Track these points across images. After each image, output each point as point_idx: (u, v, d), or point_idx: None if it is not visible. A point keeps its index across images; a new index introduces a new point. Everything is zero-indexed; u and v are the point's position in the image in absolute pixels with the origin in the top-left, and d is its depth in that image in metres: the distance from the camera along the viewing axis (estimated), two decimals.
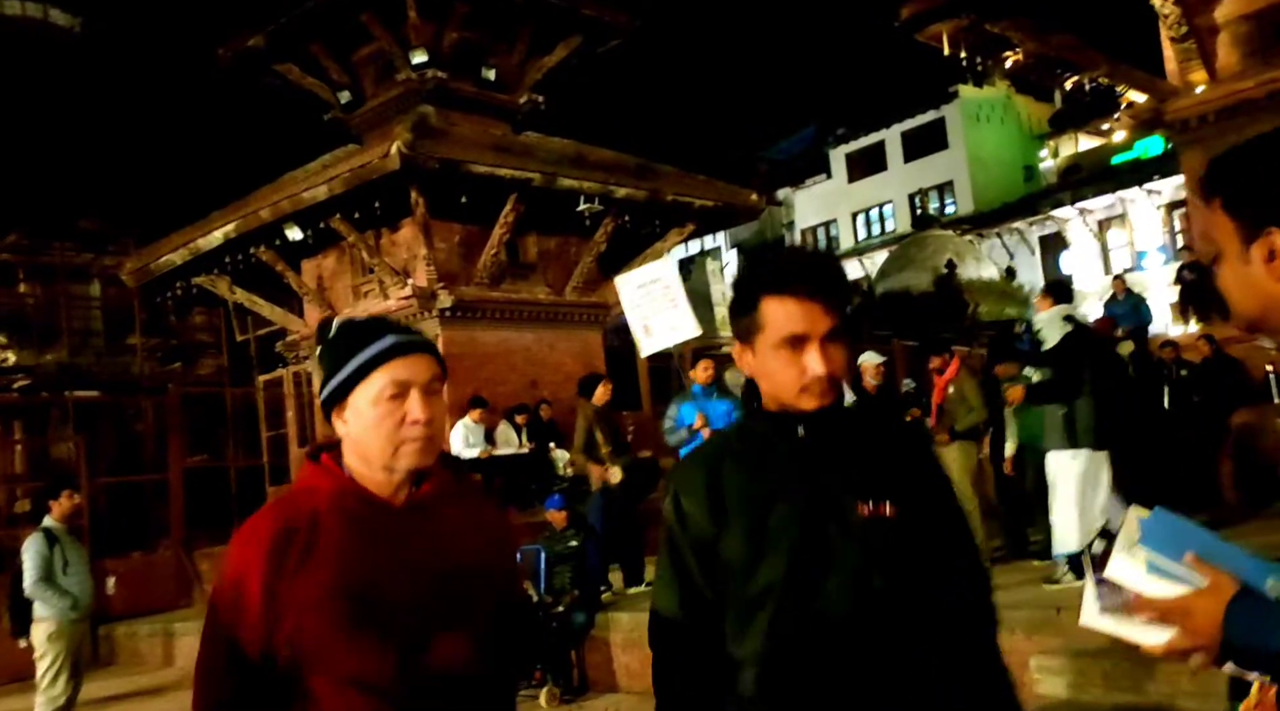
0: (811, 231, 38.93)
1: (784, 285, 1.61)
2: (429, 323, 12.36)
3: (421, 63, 13.49)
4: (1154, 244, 28.19)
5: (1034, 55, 14.03)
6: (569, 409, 13.05)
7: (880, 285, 25.96)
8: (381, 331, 1.70)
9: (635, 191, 12.72)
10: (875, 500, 1.59)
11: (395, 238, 12.94)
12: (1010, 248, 30.79)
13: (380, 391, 1.64)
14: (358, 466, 1.70)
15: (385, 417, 1.64)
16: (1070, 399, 5.88)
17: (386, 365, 1.66)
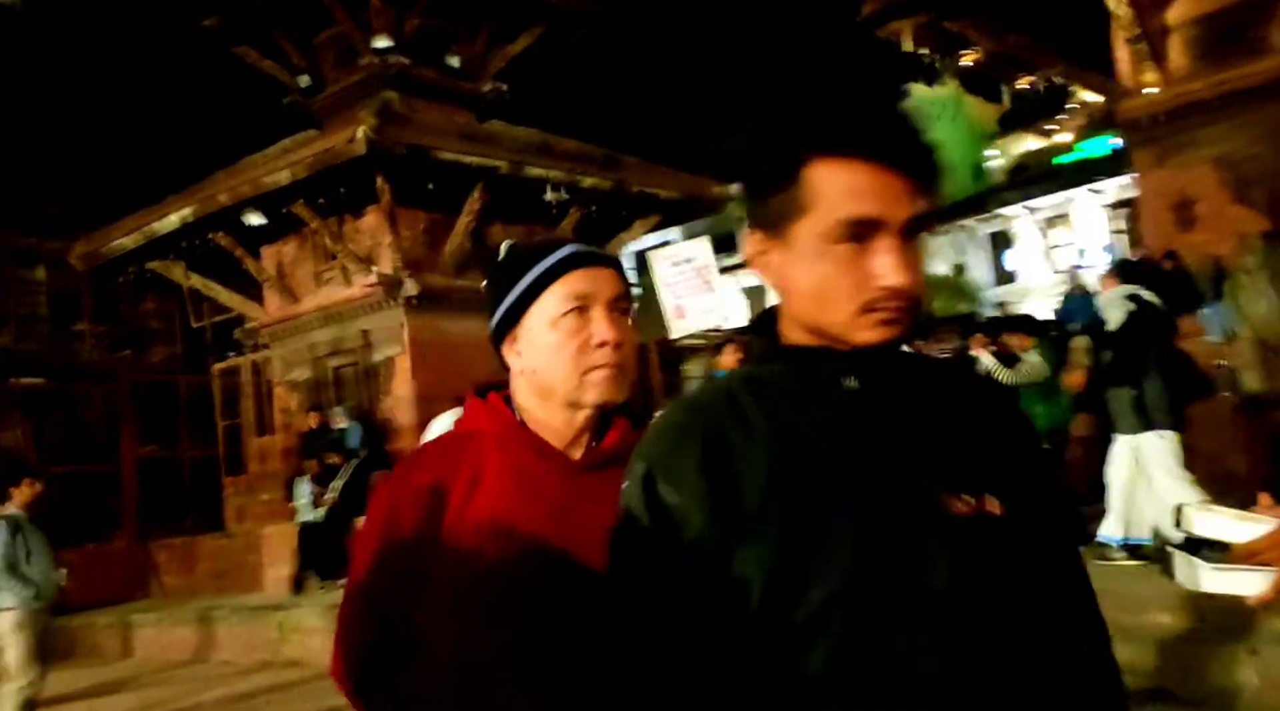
0: None
1: (848, 141, 1.07)
2: (394, 311, 12.25)
3: (384, 48, 13.34)
4: (1098, 243, 28.90)
5: (991, 54, 14.34)
6: None
7: None
8: (557, 243, 1.49)
9: (601, 181, 12.73)
10: (974, 491, 1.09)
11: (359, 224, 12.79)
12: (959, 245, 31.33)
13: (558, 308, 1.42)
14: (533, 408, 1.47)
15: (567, 340, 1.41)
16: (1137, 380, 5.77)
17: (565, 277, 1.43)
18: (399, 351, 12.40)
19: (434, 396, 12.16)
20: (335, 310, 13.03)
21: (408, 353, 12.30)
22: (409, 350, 12.28)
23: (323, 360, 13.41)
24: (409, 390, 12.25)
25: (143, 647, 11.19)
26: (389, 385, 12.58)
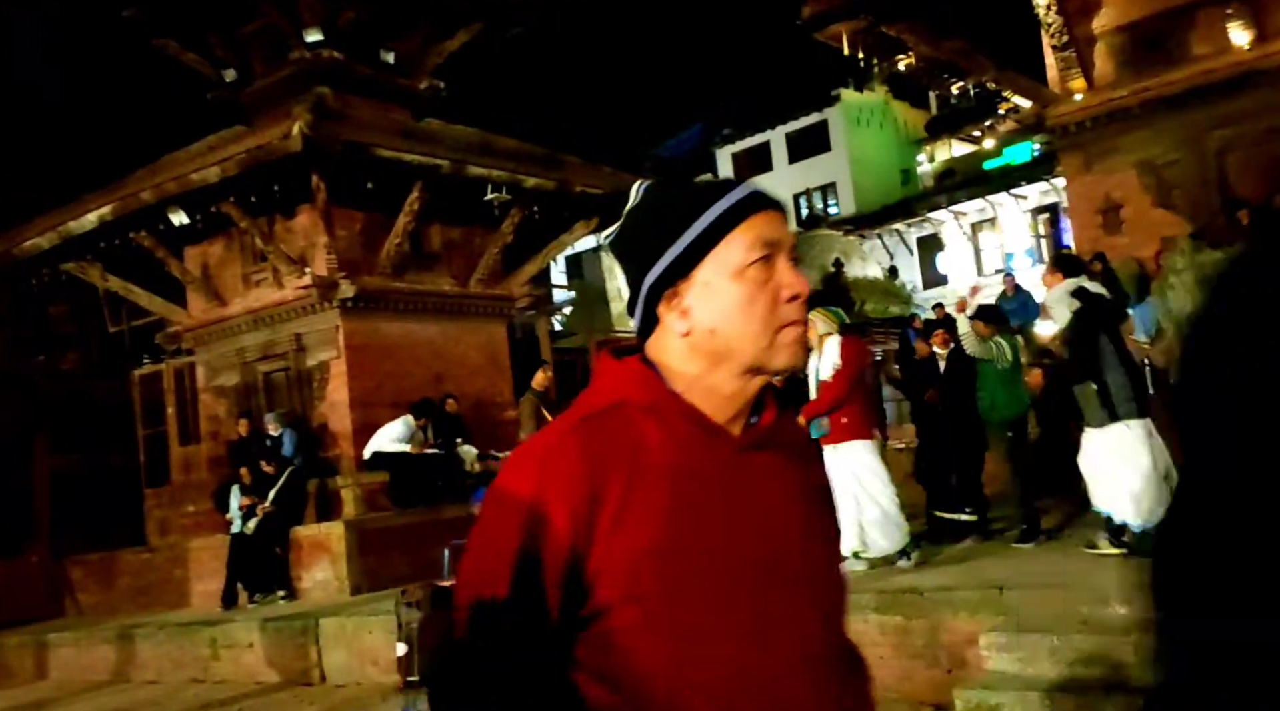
0: None
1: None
2: (329, 313, 11.89)
3: (316, 41, 12.94)
4: (1022, 247, 29.68)
5: (926, 59, 14.48)
6: (475, 401, 12.81)
7: None
8: (725, 183, 1.28)
9: (544, 182, 12.54)
10: None
11: (291, 225, 12.38)
12: (890, 248, 31.87)
13: (745, 257, 1.21)
14: (696, 375, 1.24)
15: (756, 293, 1.20)
16: (1095, 376, 5.76)
17: (751, 220, 1.22)
18: (334, 355, 12.03)
19: (371, 402, 11.87)
20: (266, 313, 12.59)
21: (343, 356, 11.94)
22: (345, 354, 11.92)
23: (252, 365, 12.95)
24: (345, 395, 11.90)
25: (59, 668, 10.64)
26: (323, 390, 12.20)
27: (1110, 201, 13.45)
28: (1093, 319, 5.94)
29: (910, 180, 36.06)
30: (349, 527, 10.45)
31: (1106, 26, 13.50)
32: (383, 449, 10.82)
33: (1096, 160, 13.58)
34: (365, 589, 10.06)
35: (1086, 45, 13.48)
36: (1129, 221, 13.31)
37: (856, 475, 6.27)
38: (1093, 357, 5.81)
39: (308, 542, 10.72)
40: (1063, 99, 13.64)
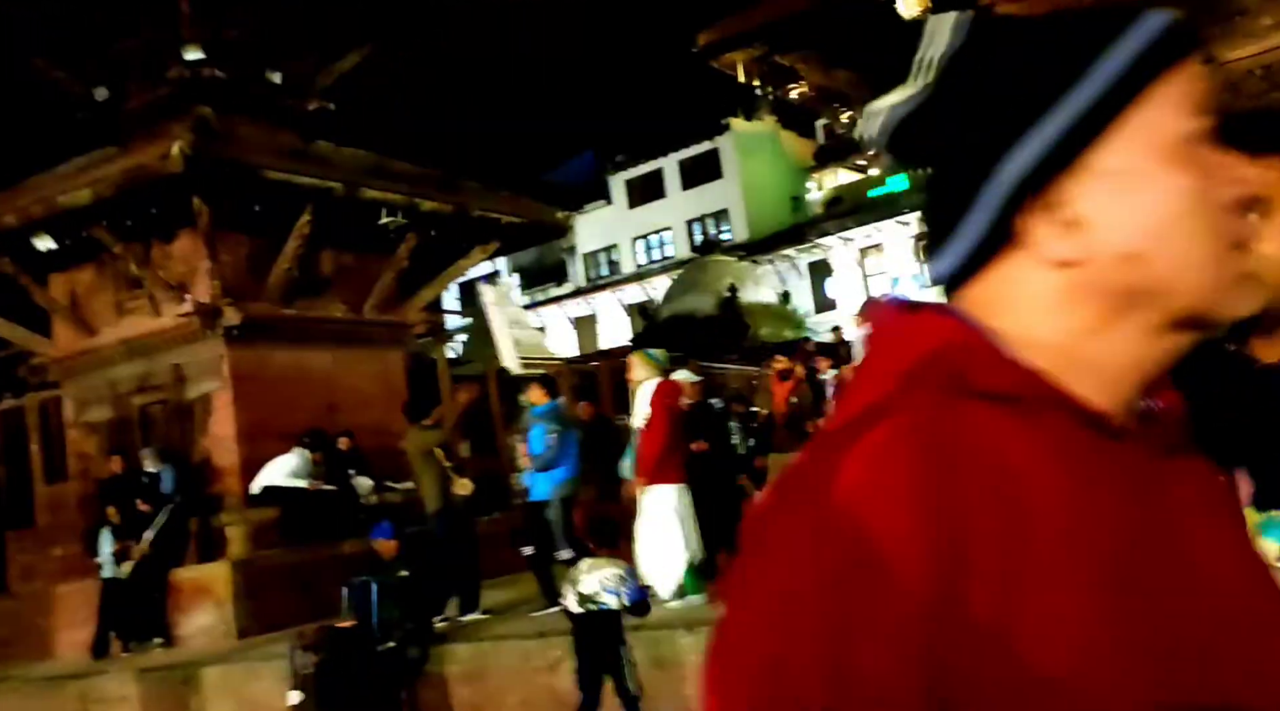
0: (593, 256, 39.40)
1: None
2: (213, 342, 11.28)
3: (197, 60, 12.38)
4: (907, 272, 30.67)
5: (819, 88, 14.82)
6: (371, 431, 12.34)
7: (665, 308, 26.63)
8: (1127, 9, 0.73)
9: (442, 205, 12.25)
10: None
11: (170, 249, 11.74)
12: (782, 273, 32.50)
13: (1182, 126, 0.71)
14: (1078, 335, 0.72)
15: (1208, 188, 0.71)
16: None
17: (1183, 68, 0.72)
18: (218, 386, 11.42)
19: (259, 434, 11.30)
20: (141, 343, 11.88)
21: (228, 387, 11.34)
22: (230, 384, 11.33)
23: (126, 398, 12.19)
24: (230, 428, 11.29)
25: None
26: (206, 423, 11.56)
27: None
28: None
29: (800, 207, 36.95)
30: (235, 567, 9.87)
31: None
32: (275, 483, 10.29)
33: None
34: (253, 633, 9.49)
35: None
36: None
37: (665, 517, 6.48)
38: None
39: (189, 585, 10.08)
40: None
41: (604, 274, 38.97)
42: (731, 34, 13.73)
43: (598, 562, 5.26)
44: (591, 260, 39.38)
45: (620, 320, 36.40)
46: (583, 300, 38.14)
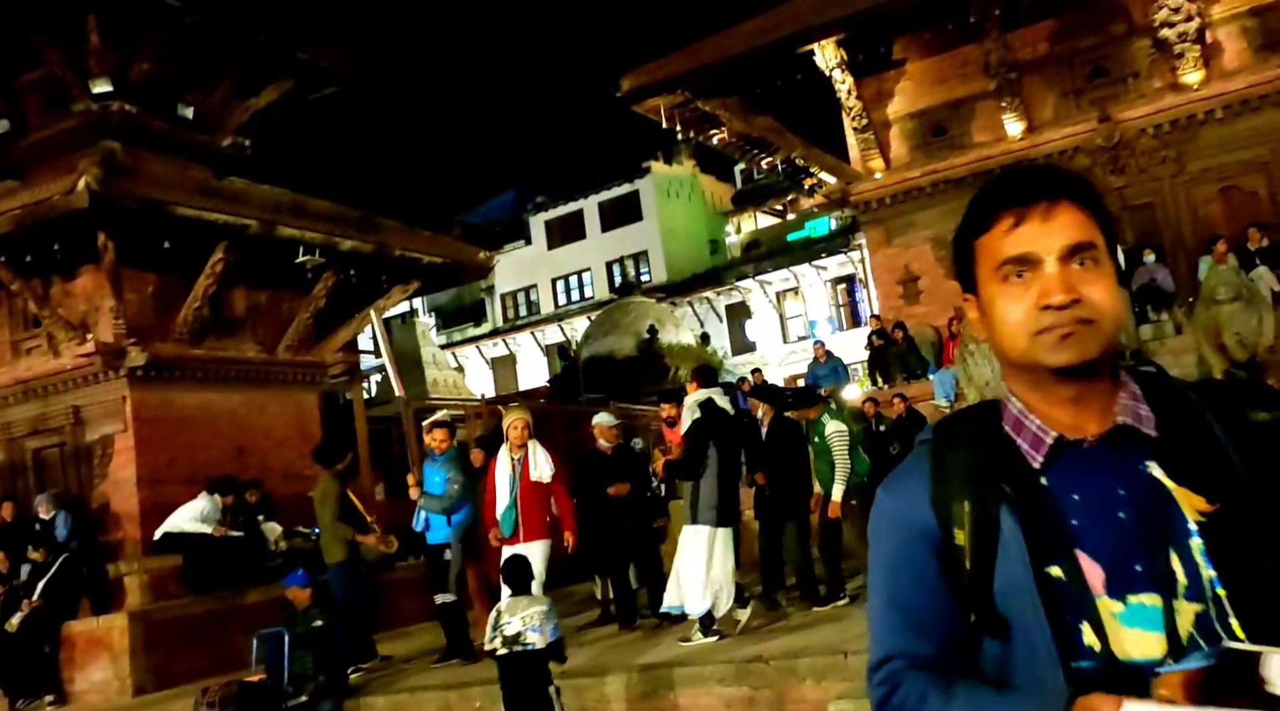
0: (512, 296, 39.21)
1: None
2: (115, 383, 10.85)
3: (105, 93, 12.03)
4: (823, 315, 31.27)
5: (738, 134, 15.16)
6: (282, 475, 11.98)
7: (585, 349, 26.59)
8: None
9: (361, 244, 12.06)
10: None
11: (71, 287, 11.30)
12: (701, 315, 32.81)
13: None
14: None
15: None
16: (692, 478, 6.36)
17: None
18: (119, 429, 10.96)
19: (163, 479, 10.89)
20: (38, 384, 11.37)
21: (130, 430, 10.90)
22: (132, 427, 10.89)
23: (19, 441, 11.63)
24: (131, 472, 10.84)
25: None
26: (106, 467, 11.07)
27: (909, 272, 14.39)
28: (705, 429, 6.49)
29: (718, 250, 37.45)
30: (133, 619, 9.39)
31: (899, 113, 14.62)
32: (181, 529, 9.88)
33: (895, 234, 14.54)
34: (152, 688, 9.04)
35: (883, 128, 14.52)
36: (926, 291, 14.27)
37: None
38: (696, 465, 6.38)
39: (83, 638, 9.55)
40: (863, 177, 14.58)
41: (523, 314, 38.81)
42: (654, 80, 13.99)
43: (518, 602, 5.17)
44: (510, 300, 39.19)
45: (539, 361, 36.22)
46: (501, 340, 37.86)
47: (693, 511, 6.31)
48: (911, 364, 13.65)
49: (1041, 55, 13.53)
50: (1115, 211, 12.93)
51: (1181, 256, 12.48)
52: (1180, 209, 12.78)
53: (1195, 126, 12.59)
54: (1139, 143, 12.90)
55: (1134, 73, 13.08)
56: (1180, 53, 12.27)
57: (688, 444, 6.40)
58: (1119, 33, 13.10)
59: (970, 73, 13.82)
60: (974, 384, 10.39)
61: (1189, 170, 12.68)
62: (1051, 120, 13.49)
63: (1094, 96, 13.24)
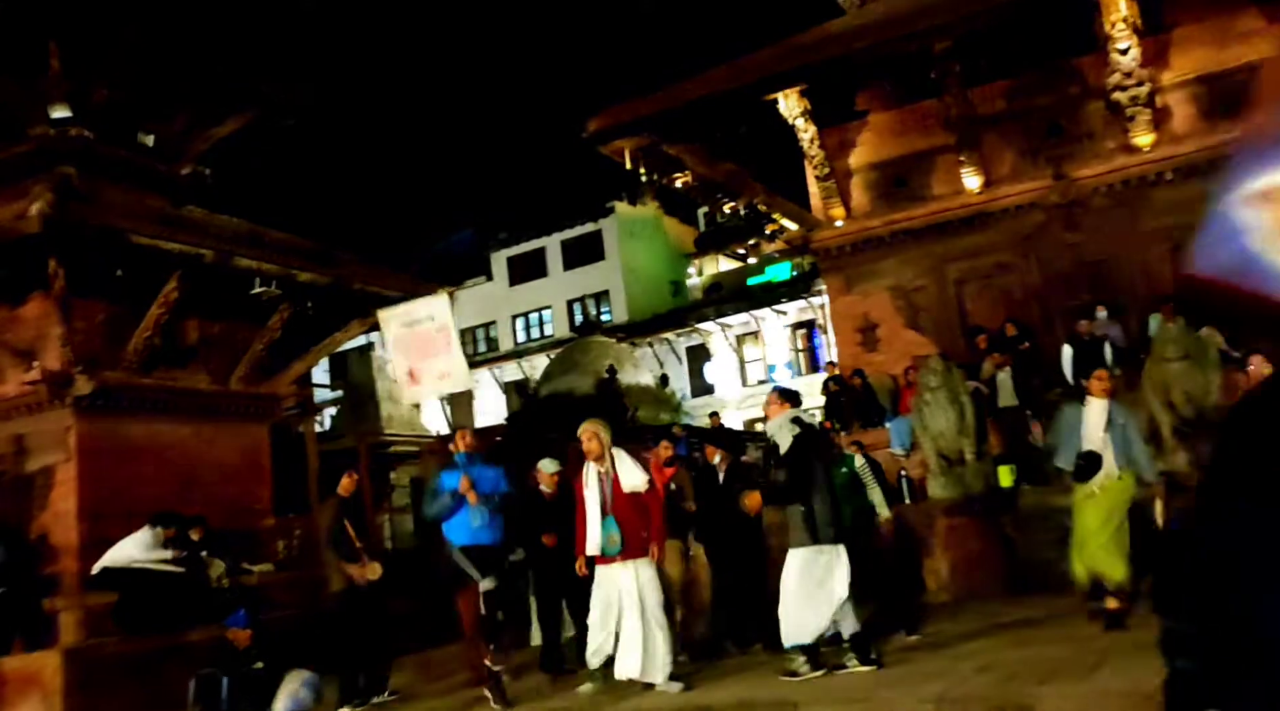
0: (471, 332, 39.00)
1: None
2: (60, 412, 10.57)
3: (63, 118, 11.85)
4: (782, 359, 31.46)
5: (701, 178, 15.29)
6: (230, 509, 11.70)
7: (544, 387, 26.46)
8: None
9: (319, 277, 11.93)
10: None
11: (18, 313, 11.03)
12: (660, 356, 32.86)
13: None
14: None
15: None
16: (801, 498, 6.09)
17: None
18: (63, 459, 10.66)
19: (105, 512, 10.59)
20: None
21: (74, 460, 10.60)
22: (76, 457, 10.59)
23: None
24: (73, 504, 10.52)
25: None
26: (46, 498, 10.74)
27: (868, 320, 14.54)
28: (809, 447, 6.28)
29: (680, 292, 37.64)
30: (68, 657, 9.04)
31: (861, 163, 14.87)
32: (118, 563, 9.58)
33: (855, 282, 14.71)
34: None
35: (844, 178, 14.75)
36: (884, 339, 14.42)
37: None
38: (805, 484, 6.14)
39: (14, 676, 9.16)
40: (825, 224, 14.77)
41: (481, 350, 38.61)
42: (620, 122, 14.10)
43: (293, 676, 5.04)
44: (470, 336, 38.98)
45: (497, 398, 35.97)
46: None
47: (810, 532, 5.97)
48: (869, 411, 13.74)
49: (1000, 111, 13.86)
50: (1069, 267, 13.31)
51: (1134, 312, 12.75)
52: (1133, 266, 13.07)
53: (1147, 187, 12.94)
54: (1093, 200, 13.22)
55: (1089, 133, 13.44)
56: (1132, 115, 12.63)
57: (793, 463, 6.08)
58: (1074, 93, 13.47)
59: (931, 126, 14.10)
60: (929, 433, 10.48)
61: (1141, 229, 12.99)
62: (1009, 175, 13.79)
63: (1050, 153, 13.56)
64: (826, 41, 13.12)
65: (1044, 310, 13.43)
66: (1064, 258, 13.41)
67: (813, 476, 6.11)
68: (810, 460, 6.17)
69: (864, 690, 5.18)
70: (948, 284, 14.17)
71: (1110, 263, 13.21)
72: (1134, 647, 5.29)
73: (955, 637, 6.64)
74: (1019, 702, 4.43)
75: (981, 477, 10.07)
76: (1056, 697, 4.43)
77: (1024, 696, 4.51)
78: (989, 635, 6.51)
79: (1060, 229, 13.35)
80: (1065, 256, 13.41)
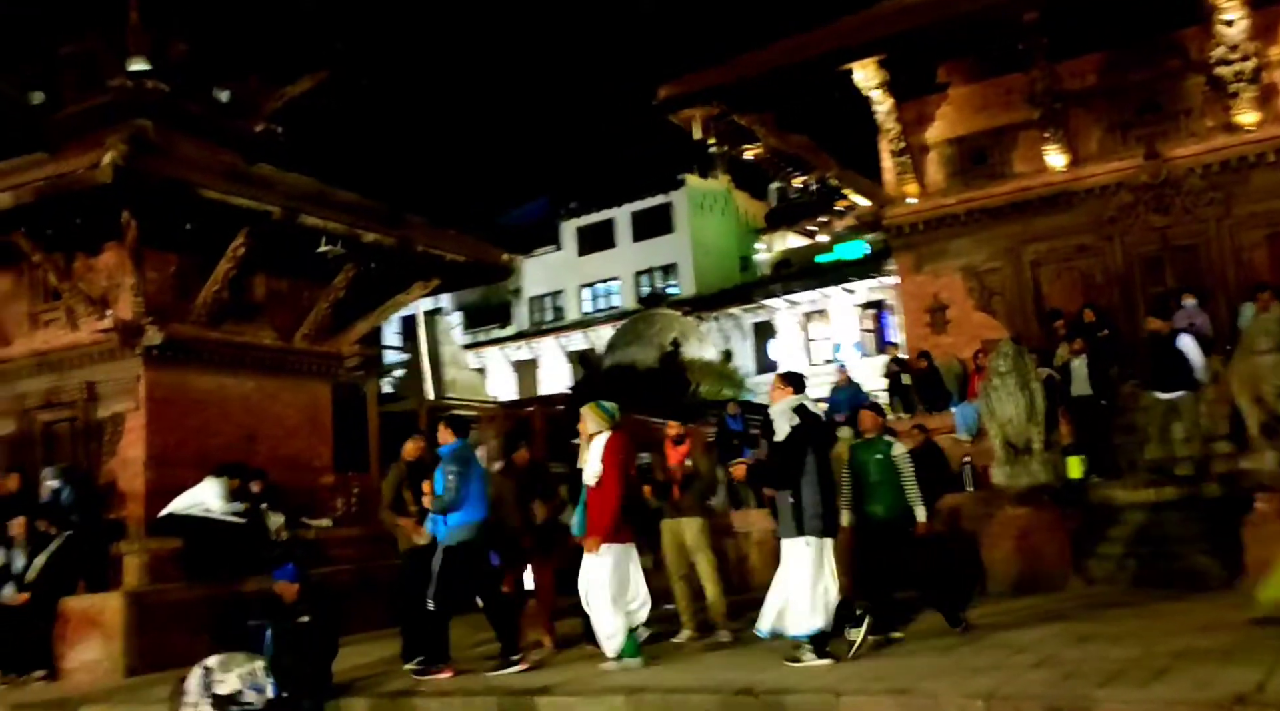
0: (539, 301, 39.18)
1: None
2: (130, 361, 10.82)
3: (141, 71, 12.03)
4: (849, 339, 30.95)
5: (773, 150, 14.95)
6: (290, 464, 11.89)
7: (608, 358, 26.46)
8: None
9: (384, 238, 11.97)
10: None
11: (94, 262, 11.29)
12: (726, 332, 32.59)
13: None
14: None
15: None
16: (790, 486, 6.00)
17: None
18: (132, 407, 10.93)
19: (171, 460, 10.85)
20: (54, 357, 11.37)
21: (143, 409, 10.86)
22: (145, 406, 10.85)
23: (31, 413, 11.64)
24: (141, 451, 10.79)
25: None
26: (115, 445, 11.04)
27: (937, 301, 14.09)
28: (806, 437, 6.15)
29: (748, 267, 37.23)
30: (129, 600, 9.29)
31: (938, 138, 14.35)
32: (201, 511, 9.82)
33: (926, 262, 14.25)
34: (143, 671, 8.92)
35: (920, 153, 14.25)
36: (954, 322, 13.97)
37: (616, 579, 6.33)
38: (791, 471, 6.03)
39: (78, 616, 9.45)
40: (897, 201, 14.32)
41: (548, 319, 38.75)
42: (691, 90, 13.82)
43: (234, 658, 4.89)
44: (537, 304, 39.15)
45: (561, 367, 36.12)
46: (525, 344, 37.81)
47: (796, 523, 5.95)
48: (934, 395, 13.36)
49: (1090, 87, 13.22)
50: (1155, 252, 12.70)
51: (1223, 302, 12.12)
52: (1225, 253, 12.42)
53: (1246, 169, 12.24)
54: (1186, 182, 12.56)
55: (1186, 110, 12.76)
56: (1235, 92, 11.94)
57: (787, 450, 6.04)
58: (1173, 68, 12.77)
59: (1014, 101, 13.53)
60: (996, 419, 10.11)
61: (1236, 214, 12.32)
62: (1096, 154, 13.17)
63: (1142, 132, 12.91)
64: (909, 10, 12.64)
65: (1126, 296, 12.85)
66: (1150, 241, 12.80)
67: (803, 466, 5.99)
68: (803, 449, 6.03)
69: (910, 681, 4.98)
70: (1023, 266, 13.63)
71: (1200, 248, 12.56)
72: (1206, 653, 4.99)
73: (1011, 631, 6.38)
74: (1076, 705, 4.19)
75: (1049, 467, 9.69)
76: (1116, 702, 4.18)
77: (1081, 698, 4.26)
78: (1048, 630, 6.24)
79: (1148, 211, 12.72)
80: (1152, 240, 12.79)
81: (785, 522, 6.07)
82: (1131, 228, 12.88)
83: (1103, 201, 13.01)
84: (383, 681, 6.86)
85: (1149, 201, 12.70)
